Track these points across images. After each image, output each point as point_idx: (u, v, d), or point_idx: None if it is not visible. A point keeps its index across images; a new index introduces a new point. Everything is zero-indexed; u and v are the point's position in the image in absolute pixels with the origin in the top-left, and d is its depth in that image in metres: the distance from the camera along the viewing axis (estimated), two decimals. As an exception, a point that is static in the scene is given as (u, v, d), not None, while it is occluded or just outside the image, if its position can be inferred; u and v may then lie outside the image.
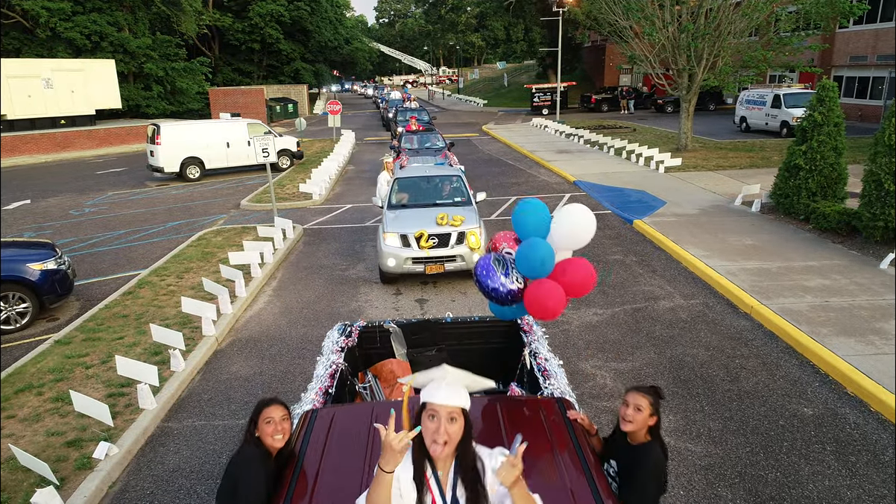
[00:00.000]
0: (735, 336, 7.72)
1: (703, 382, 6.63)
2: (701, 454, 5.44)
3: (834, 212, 11.21)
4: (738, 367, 6.92)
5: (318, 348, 7.49)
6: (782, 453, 5.40)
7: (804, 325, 7.61)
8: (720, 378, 6.71)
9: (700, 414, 6.05)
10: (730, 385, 6.56)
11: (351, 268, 11.03)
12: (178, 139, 20.90)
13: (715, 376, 6.74)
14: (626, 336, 7.82)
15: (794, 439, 5.59)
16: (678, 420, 5.95)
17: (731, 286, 9.01)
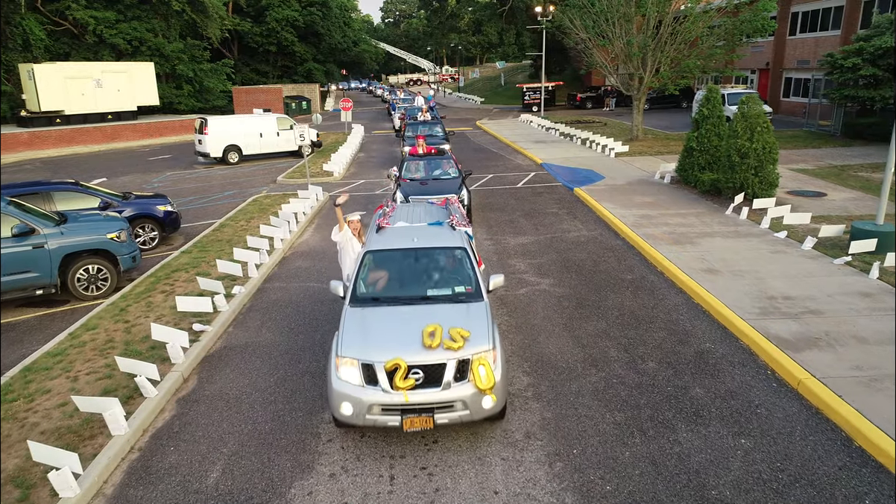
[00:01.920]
0: (609, 248, 12.32)
1: (577, 267, 11.23)
2: (560, 292, 10.04)
3: (708, 178, 15.76)
4: (601, 261, 11.52)
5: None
6: (604, 291, 9.99)
7: (651, 240, 12.19)
8: (588, 265, 11.31)
9: (568, 278, 10.65)
10: (592, 267, 11.16)
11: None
12: (221, 130, 25.62)
13: (585, 264, 11.35)
14: (541, 249, 12.43)
15: (613, 286, 10.18)
16: (554, 280, 10.56)
17: (620, 223, 13.60)
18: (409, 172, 14.65)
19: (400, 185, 13.80)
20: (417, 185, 13.75)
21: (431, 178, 14.31)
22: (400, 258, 7.21)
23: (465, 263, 7.11)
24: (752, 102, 14.45)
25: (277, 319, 9.36)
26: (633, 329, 8.51)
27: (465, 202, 12.69)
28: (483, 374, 5.71)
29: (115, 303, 9.92)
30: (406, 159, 15.40)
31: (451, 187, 13.39)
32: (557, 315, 9.11)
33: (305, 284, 10.84)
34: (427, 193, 12.69)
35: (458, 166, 14.92)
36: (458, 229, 7.76)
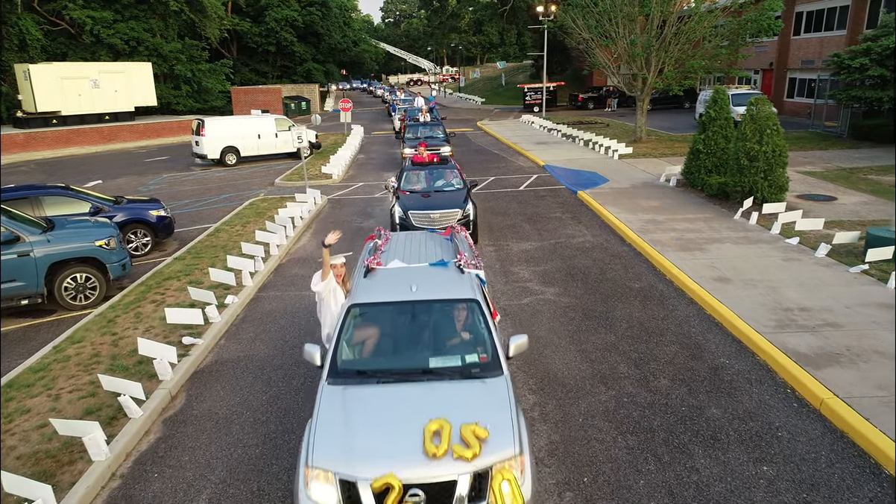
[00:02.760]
0: (615, 255, 11.93)
1: (582, 275, 10.85)
2: (566, 302, 9.66)
3: (716, 182, 15.38)
4: (608, 268, 11.14)
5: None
6: (611, 301, 9.61)
7: (659, 246, 11.81)
8: (594, 273, 10.93)
9: (573, 287, 10.27)
10: (598, 275, 10.78)
11: (364, 221, 15.30)
12: (218, 131, 25.24)
13: (591, 272, 10.97)
14: (545, 255, 12.05)
15: (621, 296, 9.80)
16: (559, 290, 10.17)
17: (626, 228, 13.22)
18: (409, 183, 13.28)
19: (398, 197, 12.64)
20: (418, 197, 12.47)
21: (433, 190, 12.96)
22: (394, 314, 5.63)
23: (478, 322, 5.53)
24: (761, 104, 14.07)
25: (272, 331, 8.99)
26: (643, 342, 8.13)
27: (470, 217, 11.80)
28: (507, 494, 4.18)
29: (103, 313, 9.55)
30: (405, 169, 13.88)
31: (455, 200, 12.26)
32: (563, 327, 8.73)
33: (301, 293, 10.47)
34: (429, 208, 11.82)
35: (462, 176, 13.61)
36: (467, 272, 6.15)
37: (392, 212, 12.24)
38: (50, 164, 29.15)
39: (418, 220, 11.65)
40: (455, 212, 11.80)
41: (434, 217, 11.62)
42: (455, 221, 11.43)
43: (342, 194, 18.89)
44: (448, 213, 11.74)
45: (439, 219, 11.50)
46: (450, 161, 14.38)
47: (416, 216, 11.72)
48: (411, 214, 11.72)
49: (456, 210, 11.82)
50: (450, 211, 11.78)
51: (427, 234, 7.78)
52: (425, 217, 11.67)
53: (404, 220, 11.71)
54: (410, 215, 11.71)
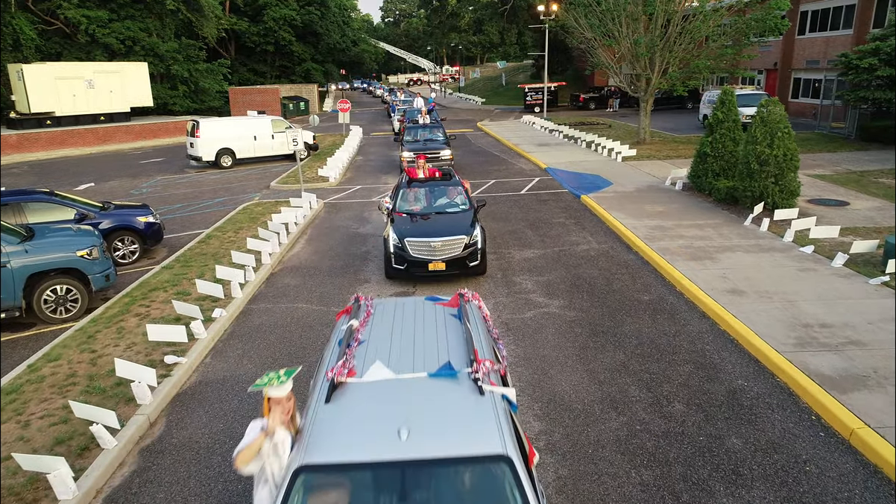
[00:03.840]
0: (622, 264, 11.44)
1: (588, 286, 10.36)
2: (571, 316, 9.17)
3: (724, 186, 14.89)
4: (615, 278, 10.64)
5: (341, 273, 11.25)
6: (619, 315, 9.12)
7: (667, 255, 11.31)
8: (600, 283, 10.43)
9: (579, 299, 9.78)
10: (605, 286, 10.28)
11: (361, 227, 14.81)
12: (213, 133, 24.73)
13: (597, 282, 10.47)
14: (548, 264, 11.55)
15: (629, 309, 9.31)
16: (564, 302, 9.68)
17: (632, 235, 12.72)
18: (407, 203, 11.69)
19: (393, 220, 11.02)
20: (417, 221, 11.03)
21: (435, 212, 11.39)
22: (371, 485, 3.49)
23: (511, 498, 3.32)
24: (772, 106, 13.57)
25: (260, 348, 8.49)
26: (655, 362, 7.64)
27: (478, 245, 10.43)
28: None
29: (83, 328, 9.05)
30: (402, 186, 12.14)
31: (459, 224, 10.75)
32: (570, 344, 8.24)
33: (293, 305, 9.98)
34: (429, 234, 10.38)
35: (468, 195, 11.98)
36: (488, 391, 3.81)
37: (386, 239, 10.71)
38: (43, 166, 28.65)
39: (417, 248, 10.31)
40: (459, 239, 10.37)
41: (435, 245, 10.28)
42: (460, 249, 10.31)
43: (339, 198, 18.40)
44: (451, 240, 10.35)
45: (441, 247, 10.30)
46: (453, 176, 12.69)
47: (415, 245, 10.31)
48: (408, 243, 10.33)
49: (461, 237, 10.39)
50: (453, 238, 10.35)
51: (426, 305, 5.28)
52: (425, 246, 10.28)
53: (400, 250, 10.37)
54: (408, 244, 10.32)
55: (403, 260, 10.33)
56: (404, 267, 10.33)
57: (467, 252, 10.37)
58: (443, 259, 10.23)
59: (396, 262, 10.41)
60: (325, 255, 12.71)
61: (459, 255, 10.30)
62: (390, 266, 10.48)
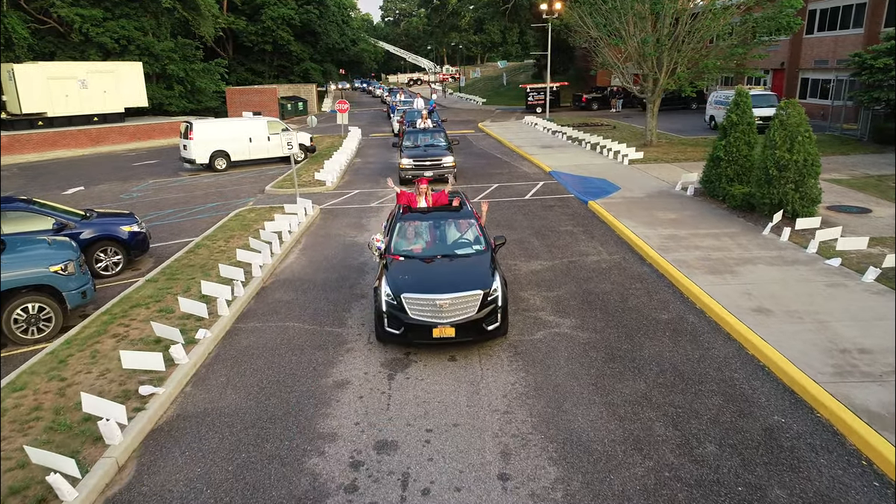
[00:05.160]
0: (635, 277, 10.73)
1: (601, 302, 9.65)
2: (585, 338, 8.46)
3: (740, 193, 14.18)
4: (629, 294, 9.93)
5: (336, 287, 10.55)
6: (637, 337, 8.41)
7: (684, 268, 10.60)
8: (614, 299, 9.72)
9: (592, 318, 9.07)
10: (619, 303, 9.57)
11: (358, 235, 14.10)
12: (207, 135, 24.01)
13: (611, 298, 9.76)
14: (557, 277, 10.84)
15: (648, 330, 8.60)
16: (576, 321, 8.98)
17: (644, 245, 12.01)
18: (405, 242, 9.18)
19: (387, 266, 8.61)
20: (418, 267, 8.60)
21: (441, 255, 8.94)
22: None
23: None
24: (792, 108, 12.87)
25: (246, 374, 7.78)
26: (680, 393, 6.93)
27: (498, 302, 8.03)
28: None
29: (55, 351, 8.34)
30: (398, 218, 9.60)
31: (474, 273, 8.32)
32: (584, 371, 7.53)
33: (284, 324, 9.27)
34: (434, 287, 7.95)
35: (483, 230, 9.48)
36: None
37: (377, 293, 8.21)
38: (33, 168, 27.93)
39: (417, 308, 7.85)
40: (474, 295, 7.88)
41: (442, 304, 7.76)
42: (475, 309, 7.84)
43: (336, 203, 17.69)
44: (464, 298, 7.85)
45: (450, 307, 7.78)
46: (465, 205, 10.02)
47: (415, 303, 7.86)
48: (407, 300, 7.90)
49: (475, 292, 7.90)
50: (467, 295, 7.86)
51: None
52: (428, 305, 7.81)
53: (395, 310, 7.92)
54: (406, 302, 7.89)
55: (399, 322, 7.87)
56: (401, 331, 7.89)
57: (485, 312, 7.88)
58: (452, 323, 7.73)
59: (390, 324, 7.95)
60: (319, 266, 12.00)
61: (474, 317, 7.83)
62: (382, 328, 8.07)
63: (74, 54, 39.38)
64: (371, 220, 15.36)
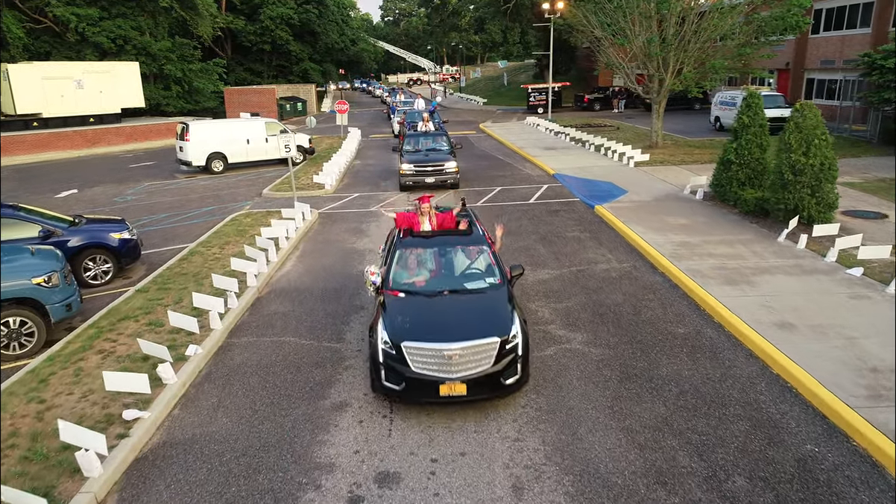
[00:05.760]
0: (648, 287, 10.26)
1: (613, 315, 9.18)
2: (598, 354, 7.99)
3: (752, 197, 13.71)
4: (642, 306, 9.46)
5: (334, 298, 10.08)
6: (653, 353, 7.95)
7: (699, 278, 10.14)
8: (627, 312, 9.26)
9: (605, 333, 8.60)
10: (632, 316, 9.10)
11: (358, 241, 13.63)
12: (204, 136, 23.52)
13: (623, 311, 9.29)
14: (566, 287, 10.37)
15: (664, 346, 8.13)
16: (588, 336, 8.51)
17: (656, 253, 11.54)
18: (406, 273, 7.83)
19: (385, 306, 7.20)
20: (422, 306, 7.20)
21: (449, 290, 7.46)
22: None
23: None
24: (808, 111, 12.40)
25: (239, 395, 7.31)
26: (703, 417, 6.46)
27: (518, 351, 6.72)
28: None
29: (36, 369, 7.87)
30: (397, 244, 8.18)
31: (490, 315, 6.98)
32: (599, 392, 7.06)
33: (280, 339, 8.80)
34: (441, 335, 6.56)
35: (497, 260, 8.08)
36: None
37: (373, 336, 6.93)
38: (27, 170, 27.44)
39: (421, 359, 6.51)
40: (490, 344, 6.56)
41: (451, 356, 6.41)
42: (491, 361, 6.53)
43: (335, 207, 17.21)
44: (478, 347, 6.51)
45: (461, 359, 6.45)
46: (475, 228, 8.62)
47: (418, 354, 6.51)
48: (409, 350, 6.53)
49: (491, 340, 6.57)
50: (481, 344, 6.52)
51: None
52: (434, 357, 6.48)
53: (395, 362, 6.59)
54: (406, 351, 6.53)
55: (400, 376, 6.52)
56: (401, 387, 6.52)
57: (503, 363, 6.58)
58: (463, 378, 6.42)
59: (389, 377, 6.60)
60: (317, 275, 11.53)
61: (489, 371, 6.52)
62: (378, 380, 6.73)
63: (70, 54, 38.87)
64: (371, 226, 14.89)
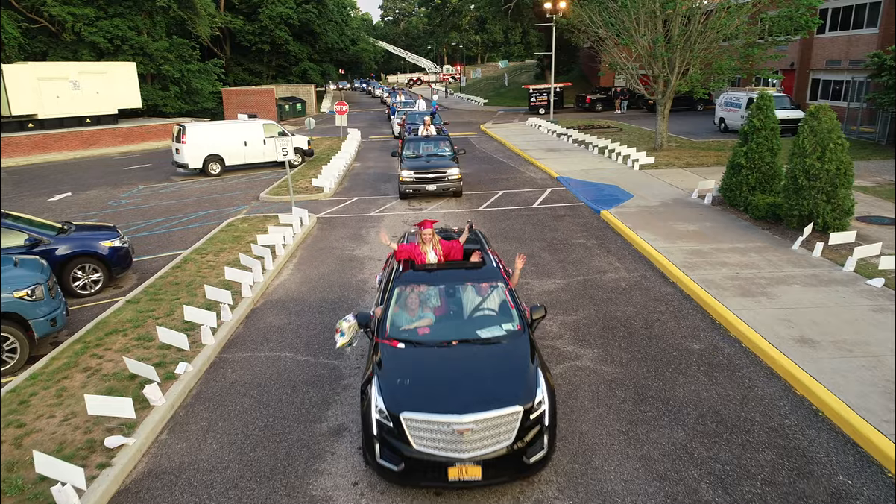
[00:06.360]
0: (659, 298, 9.85)
1: (624, 329, 8.77)
2: (610, 372, 7.58)
3: (764, 203, 13.31)
4: (655, 319, 9.05)
5: (332, 308, 9.68)
6: (668, 372, 7.54)
7: (713, 289, 9.73)
8: (639, 326, 8.84)
9: (616, 349, 8.19)
10: (644, 330, 8.69)
11: (357, 248, 13.21)
12: (201, 138, 23.10)
13: (635, 325, 8.88)
14: (574, 298, 9.96)
15: (679, 364, 7.72)
16: (599, 352, 8.10)
17: (666, 262, 11.13)
18: (405, 316, 6.45)
19: (381, 360, 5.88)
20: (424, 363, 5.85)
21: (459, 341, 6.07)
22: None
23: None
24: (823, 114, 12.00)
25: (231, 417, 6.89)
26: (725, 444, 6.05)
27: (544, 421, 5.43)
28: None
29: (17, 389, 7.45)
30: (396, 280, 6.80)
31: (509, 375, 5.64)
32: (612, 415, 6.65)
33: (275, 354, 8.38)
34: (447, 404, 5.25)
35: (516, 300, 6.61)
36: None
37: (365, 408, 5.59)
38: (21, 172, 27.01)
39: (426, 436, 5.22)
40: (511, 415, 5.25)
41: (462, 430, 5.10)
42: (511, 436, 5.23)
43: (334, 212, 16.80)
44: (495, 419, 5.21)
45: (475, 435, 5.15)
46: (488, 257, 7.30)
47: (421, 428, 5.22)
48: (409, 423, 5.23)
49: (513, 410, 5.25)
50: (499, 415, 5.21)
51: None
52: (442, 432, 5.17)
53: (392, 437, 5.30)
54: (407, 425, 5.23)
55: (399, 455, 5.23)
56: (400, 468, 5.21)
57: (527, 438, 5.30)
58: (477, 459, 5.13)
59: (384, 454, 5.31)
60: (315, 284, 11.11)
61: (510, 448, 5.22)
62: (373, 456, 5.40)
63: (67, 54, 38.46)
64: (371, 232, 14.47)
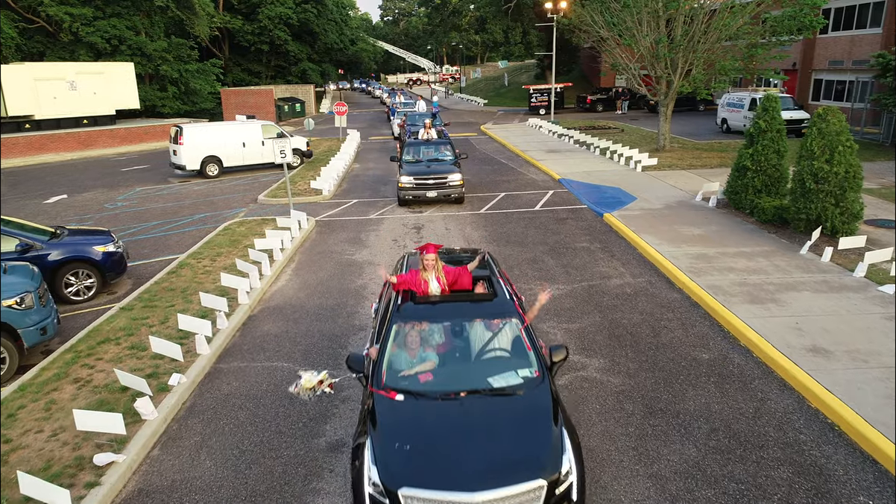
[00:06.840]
0: (666, 305, 9.62)
1: (631, 337, 8.53)
2: (617, 384, 7.35)
3: (770, 206, 13.07)
4: (662, 327, 8.82)
5: (331, 316, 9.44)
6: (677, 383, 7.30)
7: (720, 295, 9.49)
8: (645, 334, 8.61)
9: (623, 358, 7.96)
10: (651, 339, 8.46)
11: (357, 252, 12.98)
12: (198, 140, 22.86)
13: (641, 333, 8.65)
14: (578, 305, 9.73)
15: (689, 374, 7.49)
16: (605, 362, 7.87)
17: (672, 267, 10.90)
18: (404, 358, 5.48)
19: (375, 417, 4.94)
20: (427, 421, 4.87)
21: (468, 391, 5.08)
22: None
23: None
24: (831, 116, 11.76)
25: (225, 432, 6.66)
26: (739, 462, 5.82)
27: (573, 494, 4.49)
28: None
29: (5, 401, 7.21)
30: (394, 316, 5.76)
31: (528, 440, 4.66)
32: (621, 429, 6.42)
33: (271, 364, 8.15)
34: (455, 480, 4.27)
35: (533, 341, 5.70)
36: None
37: (356, 476, 4.65)
38: (18, 173, 26.75)
39: None
40: (531, 491, 4.33)
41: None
42: None
43: (332, 214, 16.56)
44: (512, 497, 4.28)
45: None
46: (498, 286, 6.29)
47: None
48: (408, 500, 4.30)
49: (535, 485, 4.34)
50: (517, 492, 4.29)
51: None
52: None
53: None
54: (406, 503, 4.31)
55: None
56: None
57: None
58: None
59: None
60: (314, 290, 10.87)
61: None
62: None
63: (64, 54, 38.22)
64: (371, 235, 14.24)
